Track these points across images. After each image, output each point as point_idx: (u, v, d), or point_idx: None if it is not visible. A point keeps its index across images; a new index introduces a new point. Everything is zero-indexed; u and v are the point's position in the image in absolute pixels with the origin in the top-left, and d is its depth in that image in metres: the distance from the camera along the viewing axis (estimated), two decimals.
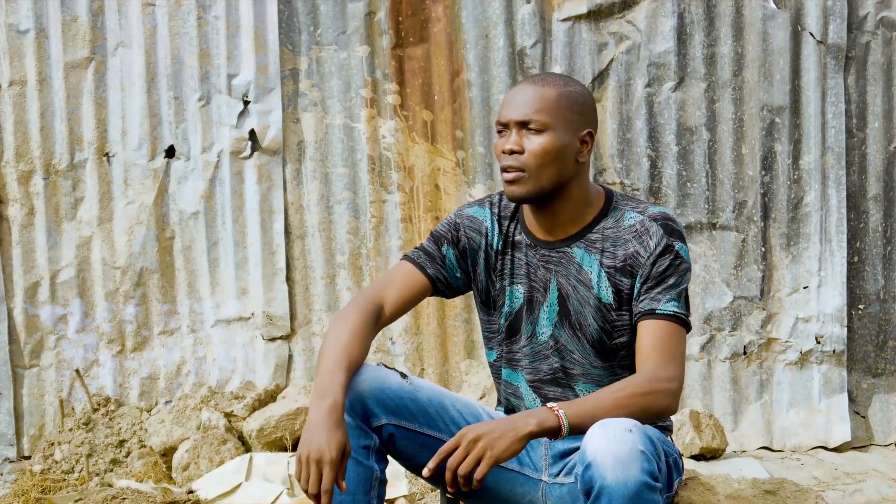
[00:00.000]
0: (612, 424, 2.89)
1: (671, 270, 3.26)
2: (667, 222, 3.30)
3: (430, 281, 3.44)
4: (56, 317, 5.86)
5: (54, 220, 5.83)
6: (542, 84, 3.27)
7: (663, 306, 3.23)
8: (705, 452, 5.54)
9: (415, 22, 5.83)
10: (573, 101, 3.26)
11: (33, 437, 5.89)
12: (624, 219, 3.34)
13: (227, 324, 5.89)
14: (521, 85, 3.30)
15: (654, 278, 3.26)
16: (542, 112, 3.23)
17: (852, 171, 5.92)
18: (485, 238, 3.46)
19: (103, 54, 5.80)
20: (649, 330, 3.23)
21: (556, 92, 3.25)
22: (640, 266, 3.28)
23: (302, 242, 5.88)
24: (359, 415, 3.15)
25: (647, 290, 3.26)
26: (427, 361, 5.90)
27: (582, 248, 3.35)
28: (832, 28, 5.82)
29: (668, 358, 3.20)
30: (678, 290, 3.26)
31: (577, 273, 3.34)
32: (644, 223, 3.31)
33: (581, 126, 3.28)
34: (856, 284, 5.97)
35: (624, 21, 5.81)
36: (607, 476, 2.83)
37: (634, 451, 2.83)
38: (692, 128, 5.83)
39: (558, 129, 3.24)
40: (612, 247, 3.32)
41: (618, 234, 3.33)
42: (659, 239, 3.27)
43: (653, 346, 3.21)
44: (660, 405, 3.13)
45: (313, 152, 5.85)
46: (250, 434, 5.57)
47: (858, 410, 6.03)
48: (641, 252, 3.28)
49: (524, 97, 3.26)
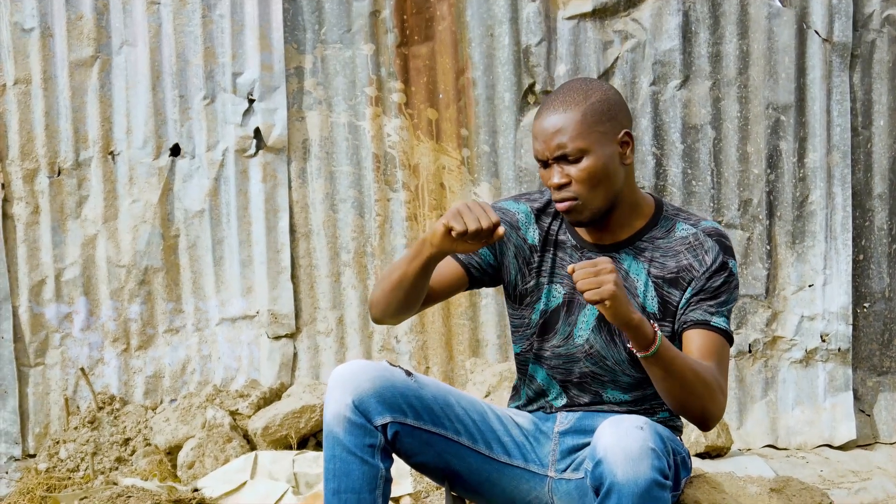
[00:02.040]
0: (623, 421, 2.90)
1: (725, 287, 3.28)
2: (721, 239, 3.32)
3: (463, 267, 3.44)
4: (61, 315, 5.87)
5: (59, 218, 5.83)
6: (564, 108, 3.21)
7: (717, 320, 3.25)
8: (710, 450, 5.53)
9: (420, 20, 5.83)
10: (600, 112, 3.22)
11: (38, 436, 5.89)
12: (675, 230, 3.34)
13: (231, 322, 5.89)
14: (544, 113, 3.24)
15: (707, 292, 3.26)
16: (575, 139, 3.19)
17: (857, 170, 5.92)
18: (516, 231, 3.45)
19: (108, 53, 5.81)
20: (703, 339, 3.25)
21: (580, 113, 3.19)
22: (694, 280, 3.28)
23: (307, 241, 5.88)
24: (363, 413, 3.16)
25: (699, 301, 3.26)
26: (432, 360, 5.90)
27: (630, 255, 3.34)
28: (837, 26, 5.82)
29: (722, 371, 3.24)
30: (728, 308, 3.29)
31: (623, 280, 3.34)
32: (699, 237, 3.31)
33: (616, 131, 3.24)
34: (861, 282, 5.96)
35: (629, 19, 5.81)
36: (618, 473, 2.83)
37: (645, 449, 2.84)
38: (697, 126, 5.83)
39: (596, 148, 3.20)
40: (661, 257, 3.32)
41: (669, 244, 3.32)
42: (716, 255, 3.28)
43: (708, 354, 3.23)
44: (712, 408, 3.17)
45: (318, 150, 5.85)
46: (255, 432, 5.57)
47: (863, 408, 6.03)
48: (696, 266, 3.28)
49: (551, 127, 3.20)
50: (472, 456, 3.35)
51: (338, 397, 3.17)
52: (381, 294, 3.36)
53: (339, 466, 3.17)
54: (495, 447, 3.39)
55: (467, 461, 3.35)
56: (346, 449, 3.15)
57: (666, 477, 2.87)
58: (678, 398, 3.11)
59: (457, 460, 3.33)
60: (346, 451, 3.15)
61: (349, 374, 3.19)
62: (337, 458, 3.15)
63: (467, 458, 3.35)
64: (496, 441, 3.40)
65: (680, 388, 3.10)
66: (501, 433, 3.41)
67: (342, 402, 3.16)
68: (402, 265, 3.29)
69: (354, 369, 3.21)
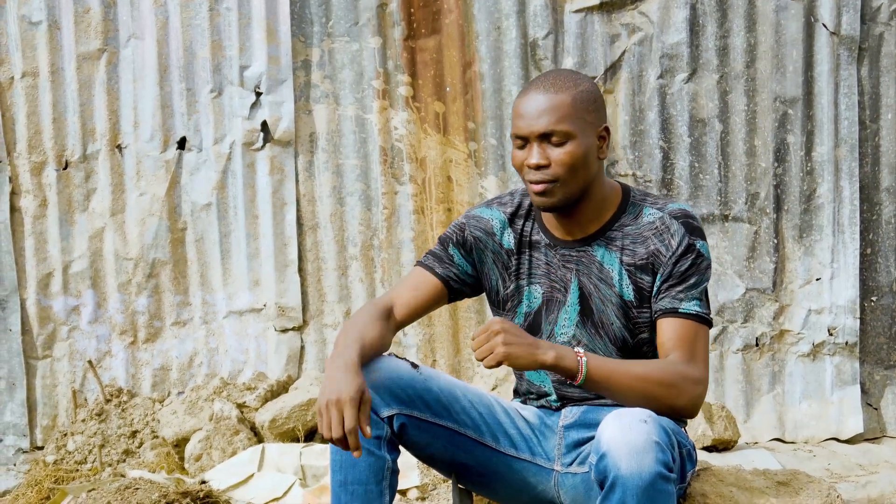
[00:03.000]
0: (627, 414, 2.90)
1: (693, 269, 3.26)
2: (688, 220, 3.29)
3: (441, 280, 3.44)
4: (69, 308, 5.87)
5: (67, 211, 5.83)
6: (555, 90, 3.20)
7: (686, 306, 3.23)
8: (717, 444, 5.53)
9: (427, 13, 5.83)
10: (588, 101, 3.23)
11: (46, 428, 5.90)
12: (643, 215, 3.33)
13: (239, 315, 5.89)
14: (532, 93, 3.23)
15: (675, 277, 3.25)
16: (563, 121, 3.19)
17: (865, 163, 5.91)
18: (492, 238, 3.45)
19: (116, 46, 5.81)
20: (672, 327, 3.22)
21: (570, 97, 3.19)
22: (662, 265, 3.27)
23: (314, 234, 5.88)
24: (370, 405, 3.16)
25: (669, 288, 3.25)
26: (439, 353, 5.90)
27: (602, 246, 3.34)
28: (845, 19, 5.81)
29: (694, 357, 3.19)
30: (700, 290, 3.26)
31: (598, 272, 3.34)
32: (665, 220, 3.30)
33: (597, 123, 3.26)
34: (868, 276, 5.96)
35: (636, 12, 5.80)
36: (622, 466, 2.83)
37: (649, 442, 2.83)
38: (705, 119, 5.82)
39: (580, 135, 3.20)
40: (631, 244, 3.32)
41: (638, 231, 3.31)
42: (681, 238, 3.26)
43: (678, 342, 3.20)
44: (680, 403, 3.12)
45: (325, 144, 5.85)
46: (262, 425, 5.57)
47: (871, 402, 6.02)
48: (663, 251, 3.27)
49: (539, 107, 3.20)
50: (479, 449, 3.36)
51: None
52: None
53: (345, 458, 3.18)
54: (502, 440, 3.39)
55: (474, 454, 3.35)
56: None
57: (670, 470, 2.87)
58: (638, 406, 3.09)
59: (463, 453, 3.33)
60: None
61: None
62: (343, 450, 3.16)
63: (474, 451, 3.35)
64: (503, 434, 3.40)
65: (634, 398, 3.09)
66: (508, 426, 3.42)
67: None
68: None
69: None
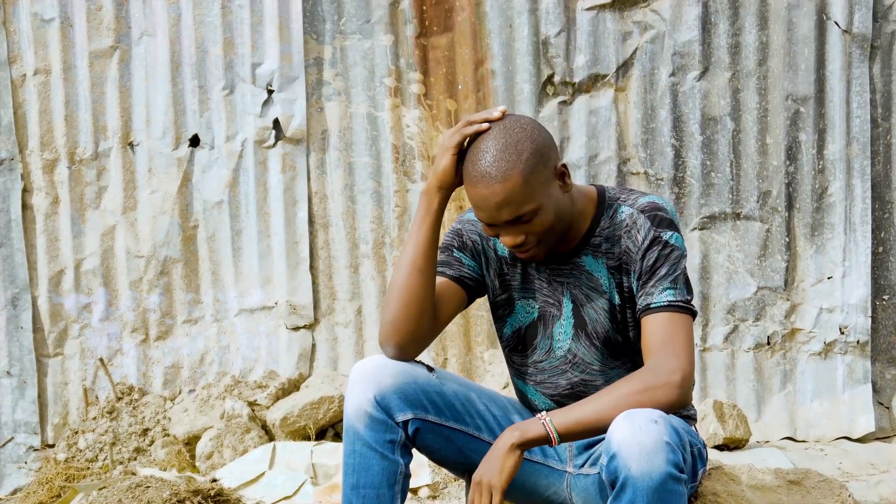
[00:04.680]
0: (637, 415, 2.89)
1: (661, 261, 3.21)
2: (655, 212, 3.24)
3: (456, 281, 3.40)
4: (80, 305, 5.88)
5: (79, 208, 5.84)
6: (503, 177, 3.07)
7: (658, 298, 3.18)
8: (729, 443, 5.53)
9: (439, 11, 5.83)
10: (535, 165, 3.10)
11: (57, 426, 5.91)
12: (617, 215, 3.29)
13: (250, 313, 5.90)
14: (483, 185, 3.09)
15: (646, 273, 3.22)
16: (525, 203, 3.10)
17: (877, 161, 5.90)
18: (487, 241, 3.44)
19: (128, 43, 5.82)
20: (648, 326, 3.18)
21: (520, 177, 3.07)
22: (632, 262, 3.24)
23: (325, 232, 5.89)
24: (385, 409, 3.16)
25: (643, 285, 3.22)
26: (450, 351, 5.90)
27: (589, 254, 3.32)
28: (857, 17, 5.79)
29: (670, 351, 3.12)
30: (672, 279, 3.19)
31: (588, 281, 3.33)
32: (633, 216, 3.26)
33: (552, 172, 3.15)
34: (880, 275, 5.95)
35: (648, 10, 5.79)
36: (632, 467, 2.82)
37: (660, 442, 2.83)
38: (716, 117, 5.81)
39: (544, 200, 3.12)
40: (611, 246, 3.30)
41: (613, 232, 3.29)
42: (646, 232, 3.22)
43: (653, 342, 3.15)
44: (666, 399, 3.07)
45: (337, 141, 5.86)
46: (274, 423, 5.58)
47: (882, 401, 6.02)
48: (631, 247, 3.24)
49: (496, 200, 3.09)
50: None
51: (359, 392, 3.16)
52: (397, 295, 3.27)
53: (358, 461, 3.17)
54: None
55: None
56: (367, 444, 3.15)
57: (681, 470, 2.86)
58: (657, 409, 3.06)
59: (477, 456, 3.33)
60: (366, 447, 3.16)
61: (371, 370, 3.19)
62: (357, 453, 3.16)
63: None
64: None
65: (613, 419, 3.03)
66: None
67: (364, 397, 3.16)
68: (413, 239, 3.26)
69: (377, 364, 3.21)
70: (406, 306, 3.25)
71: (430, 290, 3.27)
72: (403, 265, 3.25)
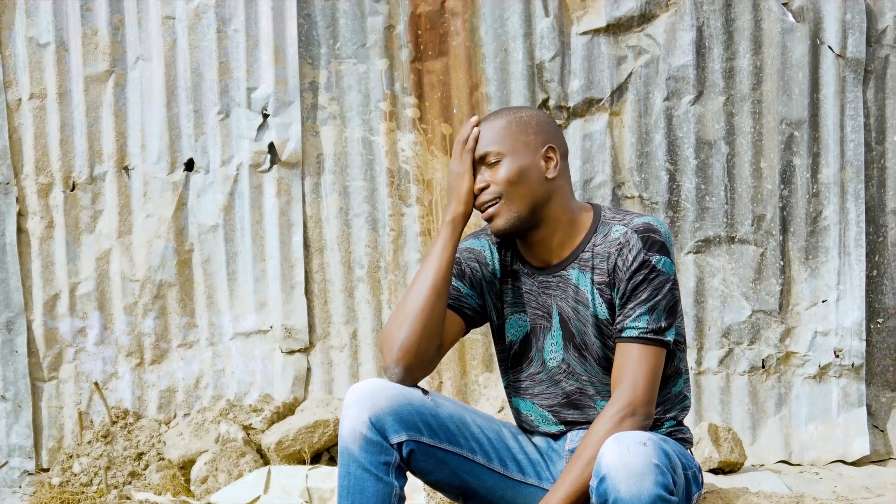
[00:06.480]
0: (627, 437, 2.91)
1: (644, 285, 3.23)
2: (648, 234, 3.26)
3: (454, 310, 3.44)
4: (75, 329, 5.88)
5: (74, 233, 5.84)
6: (493, 118, 3.35)
7: (631, 324, 3.22)
8: (724, 466, 5.53)
9: (434, 35, 5.84)
10: (524, 123, 3.33)
11: (52, 450, 5.90)
12: (611, 233, 3.32)
13: (245, 337, 5.89)
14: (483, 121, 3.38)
15: (628, 293, 3.24)
16: (494, 143, 3.31)
17: (871, 185, 5.91)
18: (486, 267, 3.47)
19: (123, 67, 5.83)
20: (617, 354, 3.26)
21: (504, 120, 3.33)
22: (619, 280, 3.27)
23: (321, 255, 5.89)
24: (380, 430, 3.17)
25: (622, 305, 3.26)
26: (445, 374, 5.90)
27: (577, 268, 3.35)
28: (851, 41, 5.82)
29: (629, 384, 3.19)
30: (650, 305, 3.22)
31: (574, 294, 3.35)
32: (627, 235, 3.28)
33: (539, 144, 3.32)
34: (874, 298, 5.96)
35: (643, 34, 5.81)
36: (621, 489, 2.84)
37: (648, 465, 2.84)
38: (711, 141, 5.83)
39: (515, 154, 3.30)
40: (600, 262, 3.32)
41: (606, 249, 3.31)
42: (636, 253, 3.24)
43: (617, 374, 3.23)
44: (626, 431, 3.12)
45: (332, 165, 5.86)
46: (269, 447, 5.57)
47: (877, 424, 6.02)
48: (620, 265, 3.27)
49: (481, 135, 3.34)
50: (487, 474, 3.36)
51: (354, 414, 3.17)
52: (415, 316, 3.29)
53: (353, 483, 3.18)
54: (510, 465, 3.39)
55: (482, 479, 3.35)
56: (362, 466, 3.16)
57: (671, 492, 2.87)
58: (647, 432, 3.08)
59: (472, 478, 3.33)
60: (361, 469, 3.16)
61: (367, 392, 3.20)
62: (352, 475, 3.17)
63: (482, 477, 3.35)
64: (511, 459, 3.40)
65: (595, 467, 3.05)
66: (516, 451, 3.42)
67: (359, 419, 3.16)
68: (435, 263, 3.32)
69: (372, 387, 3.22)
70: (423, 329, 3.28)
71: (444, 314, 3.34)
72: (423, 288, 3.29)
